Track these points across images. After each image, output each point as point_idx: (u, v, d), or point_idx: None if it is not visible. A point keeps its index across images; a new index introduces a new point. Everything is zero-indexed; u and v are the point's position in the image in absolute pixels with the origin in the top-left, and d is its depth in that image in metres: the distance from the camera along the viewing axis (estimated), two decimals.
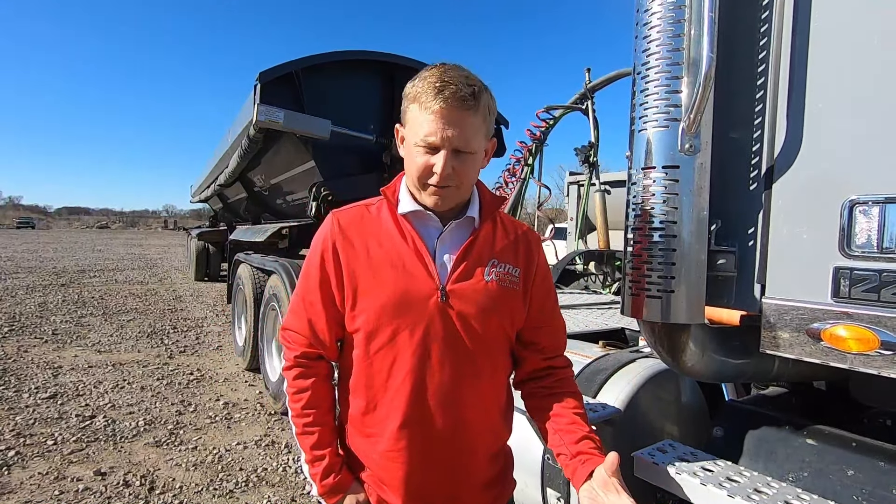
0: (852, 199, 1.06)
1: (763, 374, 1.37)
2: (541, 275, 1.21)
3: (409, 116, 1.07)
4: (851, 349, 1.05)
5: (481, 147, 1.09)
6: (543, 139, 3.66)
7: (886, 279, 1.01)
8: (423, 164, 1.04)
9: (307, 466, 1.14)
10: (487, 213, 1.16)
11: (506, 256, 1.15)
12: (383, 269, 1.08)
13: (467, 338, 1.08)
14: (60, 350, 5.97)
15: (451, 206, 1.12)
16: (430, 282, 1.08)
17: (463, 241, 1.12)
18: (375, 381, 1.10)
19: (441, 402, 1.08)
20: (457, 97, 1.00)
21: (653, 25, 1.22)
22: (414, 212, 1.11)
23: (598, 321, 2.63)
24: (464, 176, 1.06)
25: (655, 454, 1.33)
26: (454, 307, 1.08)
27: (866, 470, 1.18)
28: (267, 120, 3.78)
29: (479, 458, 1.15)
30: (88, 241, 34.21)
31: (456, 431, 1.09)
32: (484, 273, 1.11)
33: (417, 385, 1.07)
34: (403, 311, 1.06)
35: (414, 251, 1.09)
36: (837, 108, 1.10)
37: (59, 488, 2.94)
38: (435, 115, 1.00)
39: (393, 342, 1.07)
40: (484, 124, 1.07)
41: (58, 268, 15.39)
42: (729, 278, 1.26)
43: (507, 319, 1.14)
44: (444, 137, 1.01)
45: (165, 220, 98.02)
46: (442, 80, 1.00)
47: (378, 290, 1.08)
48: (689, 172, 1.19)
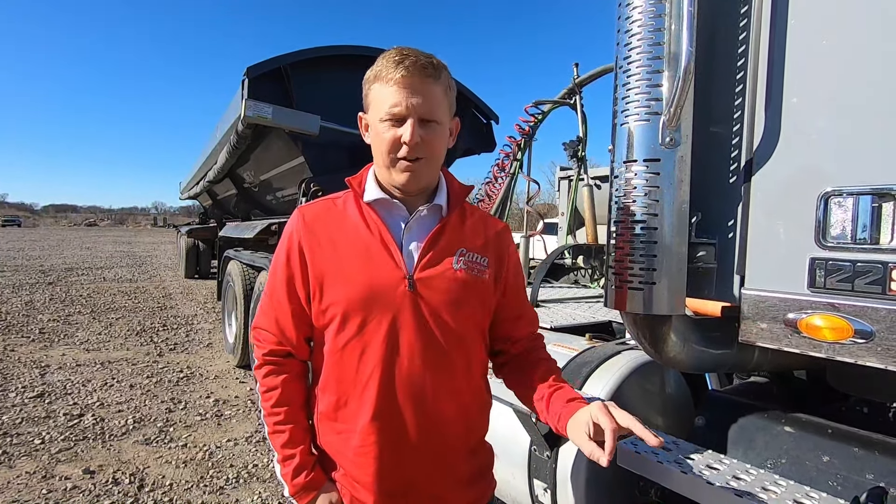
0: (827, 191, 1.08)
1: (743, 364, 1.40)
2: (514, 266, 1.22)
3: (372, 96, 1.06)
4: (827, 338, 1.08)
5: (446, 119, 1.08)
6: (532, 134, 3.67)
7: (860, 269, 1.04)
8: (391, 138, 1.02)
9: (279, 466, 1.12)
10: (455, 202, 1.15)
11: (474, 246, 1.14)
12: (349, 261, 1.07)
13: (437, 328, 1.07)
14: (48, 349, 5.91)
15: (422, 187, 1.11)
16: (396, 271, 1.06)
17: (430, 230, 1.11)
18: (346, 374, 1.08)
19: (412, 394, 1.06)
20: (417, 65, 1.00)
21: (634, 20, 1.23)
22: (379, 199, 1.10)
23: (585, 315, 2.65)
24: (432, 147, 1.05)
25: (638, 444, 1.35)
26: (422, 296, 1.06)
27: (841, 456, 1.21)
28: (255, 115, 3.76)
29: (456, 454, 1.13)
30: (76, 239, 33.78)
31: (428, 424, 1.08)
32: (452, 262, 1.10)
33: (387, 376, 1.05)
34: (371, 302, 1.05)
35: (379, 240, 1.08)
36: (814, 103, 1.12)
37: (46, 487, 2.92)
38: (398, 86, 1.00)
39: (361, 334, 1.06)
40: (446, 97, 1.07)
41: (45, 266, 15.20)
42: (709, 270, 1.28)
43: (477, 309, 1.14)
44: (409, 105, 1.00)
45: (154, 218, 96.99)
46: (401, 54, 1.01)
47: (344, 282, 1.07)
48: (669, 165, 1.21)
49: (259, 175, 5.60)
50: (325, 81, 4.22)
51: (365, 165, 1.18)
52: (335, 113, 4.08)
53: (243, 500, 2.89)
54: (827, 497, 1.06)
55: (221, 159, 5.41)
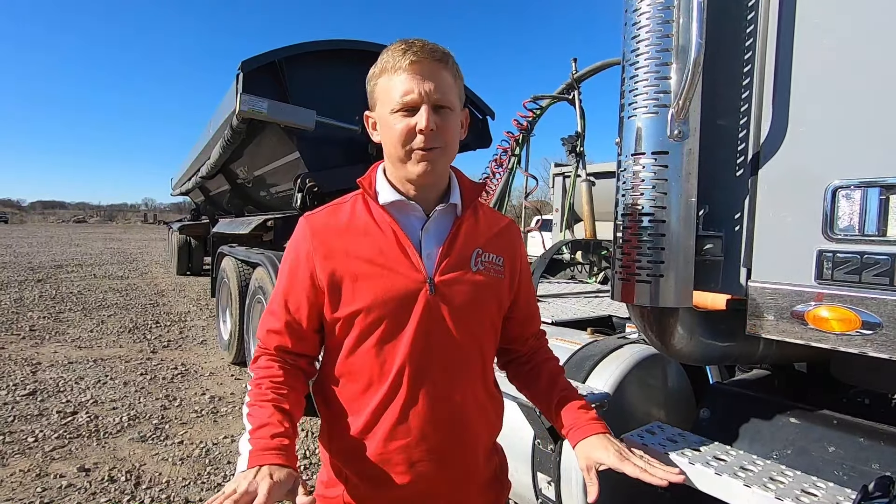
0: (835, 184, 1.09)
1: (748, 356, 1.41)
2: (524, 266, 1.21)
3: (379, 90, 1.01)
4: (834, 329, 1.08)
5: (458, 106, 1.04)
6: (530, 129, 3.67)
7: (867, 261, 1.04)
8: (405, 128, 0.97)
9: (246, 438, 0.94)
10: (469, 201, 1.11)
11: (490, 245, 1.12)
12: (365, 267, 1.01)
13: (458, 331, 1.04)
14: (39, 346, 5.83)
15: (438, 178, 1.06)
16: (416, 275, 1.02)
17: (447, 231, 1.07)
18: (366, 383, 1.03)
19: (437, 399, 1.03)
20: (426, 50, 0.97)
21: (642, 12, 1.23)
22: (395, 202, 1.05)
23: (585, 309, 2.66)
24: (447, 134, 1.00)
25: (644, 436, 1.36)
26: (444, 299, 1.03)
27: (847, 446, 1.22)
28: (250, 110, 3.72)
29: (478, 456, 1.11)
30: (65, 236, 33.35)
31: (453, 430, 1.05)
32: (471, 263, 1.07)
33: (412, 382, 1.01)
34: (392, 308, 1.00)
35: (396, 244, 1.03)
36: (821, 96, 1.12)
37: (41, 485, 2.89)
38: (408, 73, 0.96)
39: (383, 341, 1.01)
40: (456, 84, 1.03)
41: (33, 263, 15.00)
42: (716, 263, 1.28)
43: (495, 310, 1.12)
44: (422, 92, 0.96)
45: (145, 214, 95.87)
46: (406, 43, 0.98)
47: (361, 289, 1.01)
48: (677, 158, 1.20)
49: (253, 171, 5.55)
50: (320, 76, 4.18)
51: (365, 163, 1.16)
52: (331, 108, 4.05)
53: None
54: (834, 487, 1.07)
55: (215, 155, 5.35)
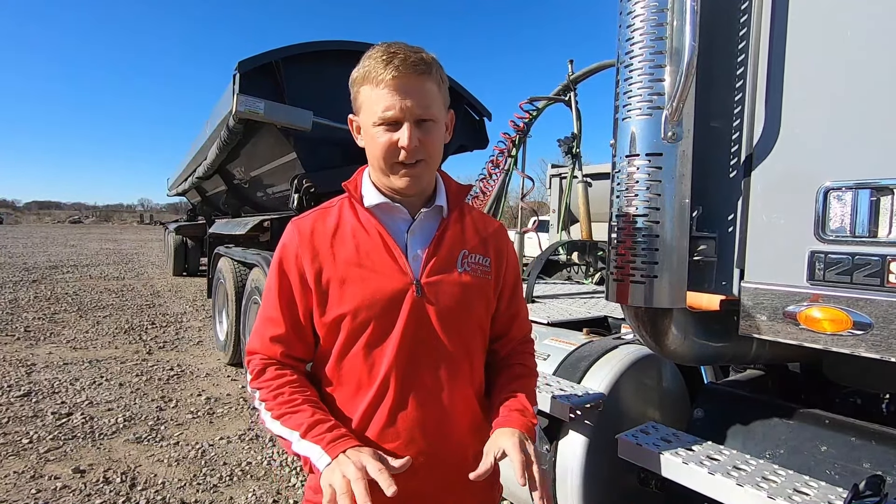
0: (827, 185, 1.10)
1: (742, 356, 1.42)
2: (512, 266, 1.21)
3: (362, 99, 1.01)
4: (826, 330, 1.10)
5: (442, 115, 1.04)
6: (527, 130, 3.68)
7: (858, 262, 1.05)
8: (387, 143, 0.97)
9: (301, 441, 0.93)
10: (455, 203, 1.13)
11: (476, 247, 1.12)
12: (351, 272, 1.02)
13: (445, 333, 1.04)
14: (33, 347, 5.80)
15: (423, 188, 1.08)
16: (403, 277, 1.02)
17: (433, 233, 1.08)
18: (355, 386, 1.03)
19: (426, 402, 1.03)
20: (407, 63, 0.95)
21: (636, 15, 1.24)
22: (380, 204, 1.06)
23: (581, 310, 2.67)
24: (431, 147, 1.01)
25: (638, 436, 1.37)
26: (430, 301, 1.03)
27: (838, 446, 1.23)
28: (247, 110, 3.72)
29: (468, 457, 1.08)
30: (61, 237, 33.18)
31: (442, 433, 1.05)
32: (457, 264, 1.08)
33: (400, 385, 1.02)
34: (379, 310, 1.01)
35: (382, 246, 1.04)
36: (813, 98, 1.14)
37: (36, 487, 2.87)
38: (389, 88, 0.95)
39: (370, 343, 1.02)
40: (440, 92, 1.02)
41: (28, 263, 14.91)
42: (709, 264, 1.29)
43: (482, 311, 1.12)
44: (404, 108, 0.95)
45: (141, 215, 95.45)
46: (388, 52, 0.96)
47: (349, 292, 1.02)
48: (671, 160, 1.22)
49: (250, 171, 5.54)
50: (317, 77, 4.19)
51: (359, 165, 1.16)
52: (328, 108, 4.05)
53: (237, 497, 2.87)
54: (826, 486, 1.08)
55: (211, 155, 5.35)
